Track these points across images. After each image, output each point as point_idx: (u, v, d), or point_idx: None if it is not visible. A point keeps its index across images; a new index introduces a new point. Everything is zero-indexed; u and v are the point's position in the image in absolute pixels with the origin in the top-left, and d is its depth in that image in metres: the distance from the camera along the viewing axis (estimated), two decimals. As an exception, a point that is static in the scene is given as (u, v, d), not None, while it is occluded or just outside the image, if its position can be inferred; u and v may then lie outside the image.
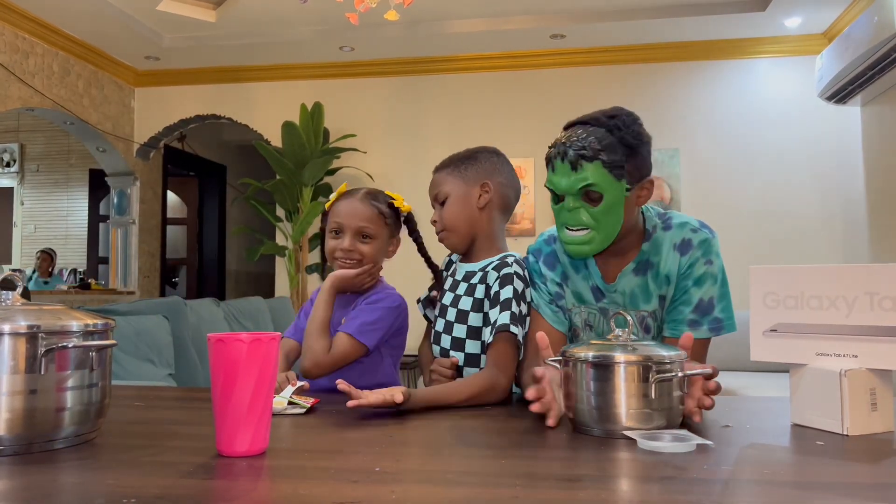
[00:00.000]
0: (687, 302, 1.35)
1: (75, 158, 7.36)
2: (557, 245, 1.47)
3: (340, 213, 1.53)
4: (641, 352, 1.02)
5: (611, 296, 1.40)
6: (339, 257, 1.53)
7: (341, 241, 1.53)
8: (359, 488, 0.76)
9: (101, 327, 0.97)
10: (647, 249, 1.38)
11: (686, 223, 1.38)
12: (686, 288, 1.35)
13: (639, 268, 1.38)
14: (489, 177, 1.54)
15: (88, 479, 0.81)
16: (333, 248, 1.54)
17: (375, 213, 1.54)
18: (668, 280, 1.36)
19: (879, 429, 1.01)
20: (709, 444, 0.93)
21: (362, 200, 1.54)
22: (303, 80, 5.51)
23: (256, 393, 0.89)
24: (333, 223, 1.54)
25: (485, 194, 1.53)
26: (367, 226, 1.52)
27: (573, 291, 1.45)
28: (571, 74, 5.18)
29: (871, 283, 1.01)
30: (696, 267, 1.34)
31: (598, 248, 1.33)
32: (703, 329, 1.34)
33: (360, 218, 1.52)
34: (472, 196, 1.53)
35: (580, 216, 1.31)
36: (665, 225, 1.39)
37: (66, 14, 4.59)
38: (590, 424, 1.02)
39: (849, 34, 3.88)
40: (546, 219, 5.10)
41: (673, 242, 1.36)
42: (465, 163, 1.56)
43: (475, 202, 1.53)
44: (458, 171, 1.55)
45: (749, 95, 4.95)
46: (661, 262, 1.36)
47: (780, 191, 4.86)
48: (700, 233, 1.36)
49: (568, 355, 1.07)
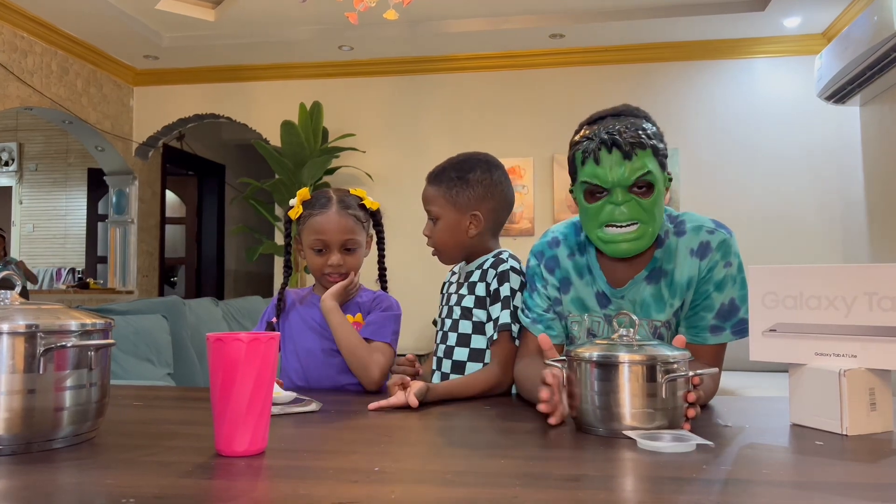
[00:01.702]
0: (709, 307, 1.30)
1: (74, 158, 7.35)
2: (560, 249, 1.42)
3: (323, 230, 1.52)
4: (647, 351, 1.01)
5: (618, 302, 1.35)
6: (328, 273, 1.54)
7: (328, 257, 1.53)
8: (358, 488, 0.76)
9: (99, 327, 0.97)
10: (659, 256, 1.32)
11: (701, 226, 1.32)
12: (707, 293, 1.30)
13: (652, 276, 1.33)
14: (479, 205, 1.54)
15: (87, 478, 0.81)
16: (321, 265, 1.54)
17: (353, 221, 1.55)
18: (687, 287, 1.31)
19: (879, 429, 1.01)
20: (709, 444, 0.92)
21: (339, 213, 1.53)
22: (302, 80, 5.51)
23: (255, 392, 0.89)
24: (316, 241, 1.53)
25: (474, 225, 1.54)
26: (350, 238, 1.54)
27: (574, 299, 1.40)
28: (570, 74, 5.18)
29: (870, 283, 1.01)
30: (716, 271, 1.29)
31: (648, 243, 1.26)
32: (726, 333, 1.31)
33: (343, 231, 1.53)
34: (462, 224, 1.54)
35: (632, 210, 1.23)
36: (678, 230, 1.33)
37: (64, 13, 4.58)
38: (594, 424, 1.02)
39: (848, 34, 3.88)
40: (546, 219, 5.10)
41: (689, 248, 1.31)
42: (456, 186, 1.53)
43: (465, 229, 1.54)
44: (449, 194, 1.54)
45: (748, 95, 4.96)
46: (675, 269, 1.31)
47: (779, 191, 4.86)
48: (717, 233, 1.31)
49: (573, 355, 1.06)
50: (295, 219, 1.57)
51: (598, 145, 1.23)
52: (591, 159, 1.24)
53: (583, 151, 1.25)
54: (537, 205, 5.14)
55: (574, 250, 1.41)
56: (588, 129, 1.28)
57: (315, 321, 1.56)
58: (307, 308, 1.60)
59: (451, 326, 1.56)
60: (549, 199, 5.14)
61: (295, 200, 1.57)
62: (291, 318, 1.60)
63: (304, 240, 1.56)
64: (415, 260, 4.80)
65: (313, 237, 1.53)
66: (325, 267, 1.53)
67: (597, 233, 1.28)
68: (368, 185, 5.31)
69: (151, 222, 6.03)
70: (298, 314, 1.60)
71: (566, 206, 5.05)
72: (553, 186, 5.12)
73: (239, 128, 5.77)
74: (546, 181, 5.13)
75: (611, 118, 1.27)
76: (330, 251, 1.53)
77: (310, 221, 1.54)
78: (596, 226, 1.27)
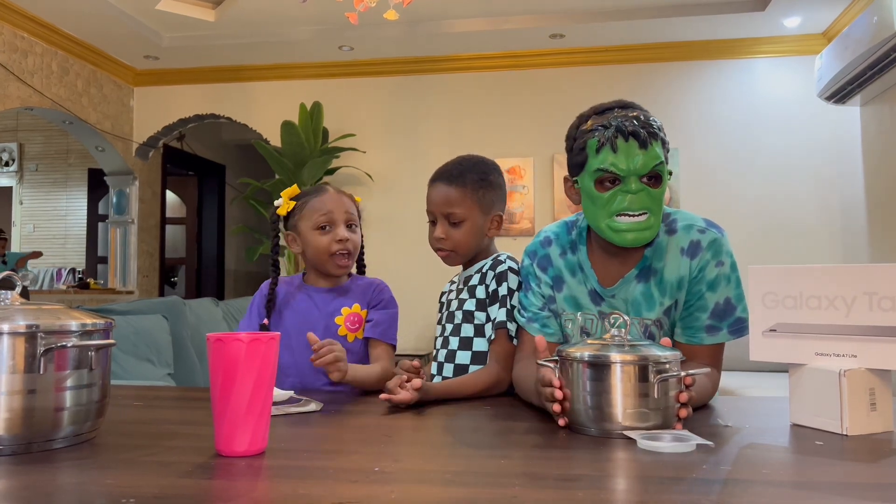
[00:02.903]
0: (703, 308, 1.30)
1: (74, 158, 7.35)
2: (552, 248, 1.43)
3: (327, 208, 1.57)
4: (638, 351, 1.02)
5: (609, 300, 1.35)
6: (336, 251, 1.56)
7: (335, 233, 1.56)
8: (358, 488, 0.76)
9: (100, 327, 0.97)
10: (649, 255, 1.32)
11: (692, 225, 1.32)
12: (700, 293, 1.29)
13: (641, 274, 1.32)
14: (501, 206, 1.57)
15: (87, 478, 0.81)
16: (328, 244, 1.56)
17: (350, 202, 1.61)
18: (678, 286, 1.30)
19: (878, 429, 1.01)
20: (709, 444, 0.92)
21: (338, 193, 1.61)
22: (302, 80, 5.51)
23: (255, 392, 0.89)
24: (321, 217, 1.56)
25: (496, 227, 1.56)
26: (352, 214, 1.60)
27: (568, 297, 1.40)
28: (571, 74, 5.18)
29: (870, 283, 1.01)
30: (707, 270, 1.29)
31: (653, 235, 1.26)
32: (723, 333, 1.30)
33: (346, 207, 1.59)
34: (485, 225, 1.55)
35: (644, 199, 1.23)
36: (669, 228, 1.33)
37: (65, 13, 4.59)
38: (586, 424, 1.03)
39: (848, 34, 3.88)
40: (546, 219, 5.10)
41: (680, 247, 1.30)
42: (482, 188, 1.52)
43: (486, 231, 1.55)
44: (476, 195, 1.52)
45: (748, 95, 4.95)
46: (665, 268, 1.31)
47: (780, 191, 4.86)
48: (708, 233, 1.31)
49: (565, 355, 1.06)
50: (285, 214, 1.60)
51: (614, 133, 1.22)
52: (608, 147, 1.23)
53: (598, 139, 1.24)
54: (537, 205, 5.14)
55: (566, 249, 1.41)
56: (598, 118, 1.27)
57: (310, 315, 1.57)
58: (300, 302, 1.60)
59: (452, 331, 1.56)
60: (549, 199, 5.14)
61: (281, 200, 1.60)
62: (285, 314, 1.60)
63: (305, 224, 1.57)
64: (415, 259, 4.80)
65: (318, 215, 1.56)
66: (332, 244, 1.55)
67: (607, 222, 1.26)
68: (368, 185, 5.32)
69: (152, 222, 6.03)
70: (292, 309, 1.60)
71: (566, 206, 5.05)
72: (553, 186, 5.11)
73: (239, 128, 5.77)
74: (546, 181, 5.13)
75: (619, 109, 1.27)
76: (336, 226, 1.56)
77: (311, 203, 1.58)
78: (606, 215, 1.26)
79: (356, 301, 1.59)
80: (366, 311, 1.59)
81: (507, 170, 5.14)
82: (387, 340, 1.57)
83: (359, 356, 1.55)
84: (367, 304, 1.60)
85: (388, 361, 1.54)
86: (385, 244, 5.09)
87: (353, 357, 1.53)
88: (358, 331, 1.57)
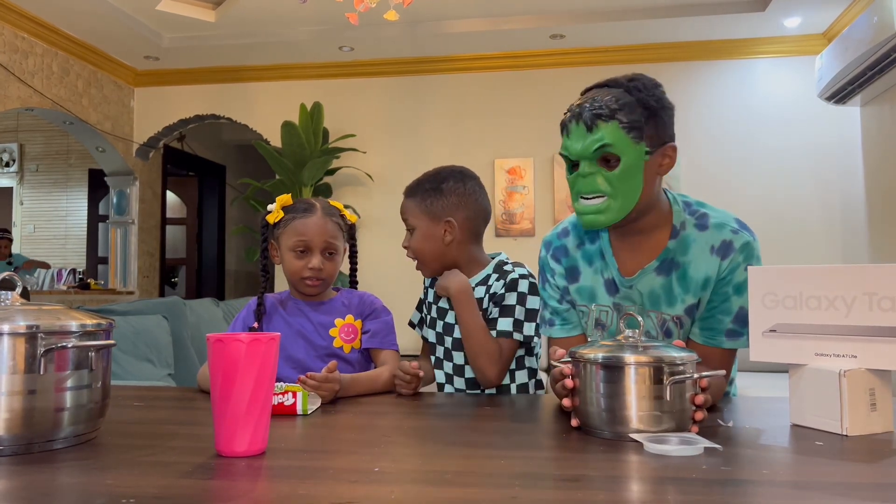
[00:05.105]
0: (727, 311, 1.27)
1: (74, 158, 7.35)
2: (569, 239, 1.40)
3: (307, 232, 1.52)
4: (653, 353, 1.00)
5: (626, 291, 1.32)
6: (307, 277, 1.52)
7: (309, 260, 1.52)
8: (357, 488, 0.76)
9: (100, 327, 0.97)
10: (672, 248, 1.28)
11: (724, 224, 1.28)
12: (726, 296, 1.26)
13: (662, 266, 1.29)
14: (453, 213, 1.55)
15: (88, 479, 0.81)
16: (300, 269, 1.52)
17: (335, 227, 1.55)
18: (704, 285, 1.27)
19: (878, 429, 1.01)
20: (717, 447, 0.90)
21: (323, 217, 1.54)
22: (302, 80, 5.51)
23: (255, 393, 0.89)
24: (299, 242, 1.52)
25: (449, 232, 1.55)
26: (332, 242, 1.54)
27: (581, 288, 1.37)
28: (571, 74, 5.17)
29: (869, 283, 1.01)
30: (736, 273, 1.25)
31: (614, 217, 1.23)
32: (743, 339, 1.27)
33: (326, 235, 1.53)
34: (437, 232, 1.55)
35: (595, 182, 1.22)
36: (700, 223, 1.29)
37: (65, 14, 4.59)
38: (599, 427, 1.01)
39: (848, 34, 3.88)
40: (546, 219, 5.10)
41: (710, 245, 1.27)
42: (431, 195, 1.55)
43: (441, 238, 1.55)
44: (424, 203, 1.55)
45: (749, 96, 4.95)
46: (690, 263, 1.27)
47: (780, 191, 4.86)
48: (741, 234, 1.27)
49: (577, 356, 1.04)
50: (273, 223, 1.57)
51: (569, 119, 1.25)
52: (565, 131, 1.26)
53: (561, 123, 1.27)
54: (537, 205, 5.14)
55: (584, 239, 1.39)
56: (578, 99, 1.28)
57: (304, 329, 1.55)
58: (292, 315, 1.58)
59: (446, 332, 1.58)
60: (549, 199, 5.13)
61: (274, 206, 1.56)
62: (275, 323, 1.58)
63: (285, 242, 1.55)
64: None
65: (296, 239, 1.52)
66: (304, 270, 1.52)
67: (575, 205, 1.27)
68: (368, 186, 5.31)
69: (152, 223, 6.03)
70: (283, 320, 1.58)
71: (566, 205, 5.05)
72: (553, 186, 5.11)
73: (239, 128, 5.77)
74: (546, 181, 5.13)
75: (595, 89, 1.26)
76: (311, 254, 1.52)
77: (293, 224, 1.54)
78: (574, 198, 1.27)
79: (349, 312, 1.57)
80: (360, 321, 1.57)
81: (508, 170, 5.14)
82: (388, 347, 1.55)
83: (357, 367, 1.54)
84: (360, 315, 1.58)
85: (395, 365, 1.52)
86: (385, 244, 5.07)
87: (352, 368, 1.52)
88: (354, 341, 1.55)
